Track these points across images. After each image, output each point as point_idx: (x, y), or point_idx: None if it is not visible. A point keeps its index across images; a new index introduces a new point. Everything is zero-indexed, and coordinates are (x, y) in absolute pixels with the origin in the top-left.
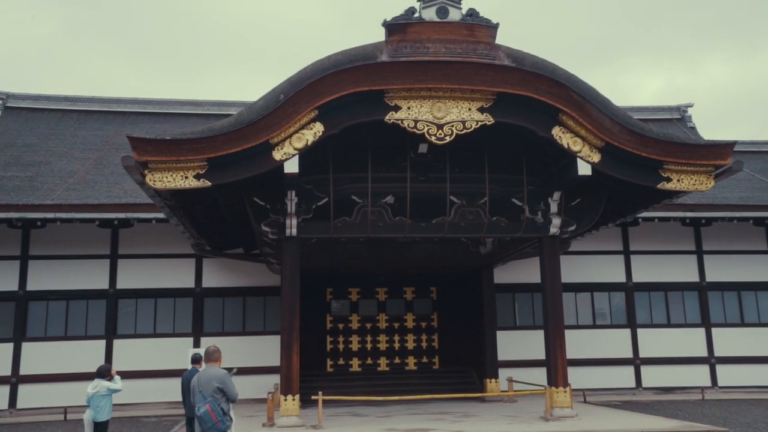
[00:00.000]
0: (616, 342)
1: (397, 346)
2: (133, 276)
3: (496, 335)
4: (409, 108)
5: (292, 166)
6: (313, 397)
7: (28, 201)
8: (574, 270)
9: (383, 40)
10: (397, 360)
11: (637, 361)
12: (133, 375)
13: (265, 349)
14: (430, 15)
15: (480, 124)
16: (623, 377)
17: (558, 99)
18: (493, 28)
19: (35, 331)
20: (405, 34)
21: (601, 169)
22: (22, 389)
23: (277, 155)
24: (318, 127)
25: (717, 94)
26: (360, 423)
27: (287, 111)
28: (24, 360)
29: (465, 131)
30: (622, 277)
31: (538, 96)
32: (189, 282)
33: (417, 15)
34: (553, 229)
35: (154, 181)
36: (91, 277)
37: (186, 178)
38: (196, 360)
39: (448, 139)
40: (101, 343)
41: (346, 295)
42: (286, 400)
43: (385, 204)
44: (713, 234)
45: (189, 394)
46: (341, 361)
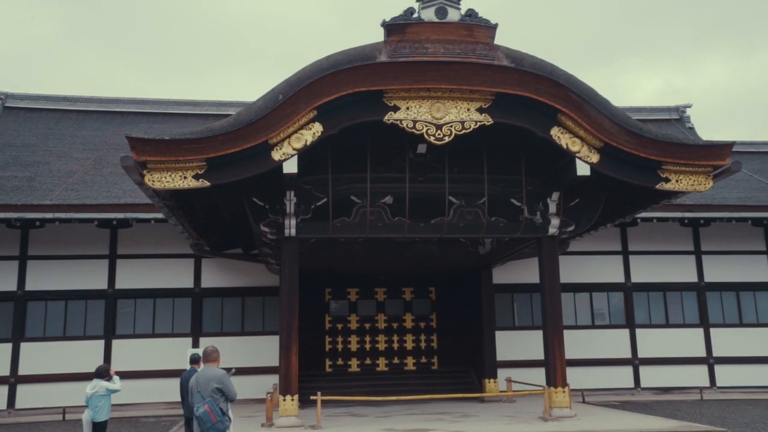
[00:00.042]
0: (615, 342)
1: (396, 346)
2: (132, 276)
3: (494, 335)
4: (408, 108)
5: (291, 167)
6: (311, 397)
7: (26, 201)
8: (572, 270)
9: (382, 40)
10: (395, 360)
11: (635, 362)
12: (131, 375)
13: (264, 350)
14: (429, 15)
15: (479, 124)
16: (622, 377)
17: (557, 99)
18: (491, 28)
19: (34, 331)
20: (404, 34)
21: (600, 169)
22: (21, 389)
23: (276, 155)
24: (317, 128)
25: (716, 95)
26: (359, 423)
27: (286, 111)
28: (23, 360)
29: (464, 131)
30: (620, 278)
31: (537, 96)
32: (188, 282)
33: (416, 15)
34: (552, 230)
35: (153, 181)
36: (90, 277)
37: (185, 178)
38: (194, 360)
39: (447, 139)
40: (100, 343)
41: (345, 296)
42: (284, 400)
43: (384, 204)
44: (712, 234)
45: (187, 395)
46: (340, 362)
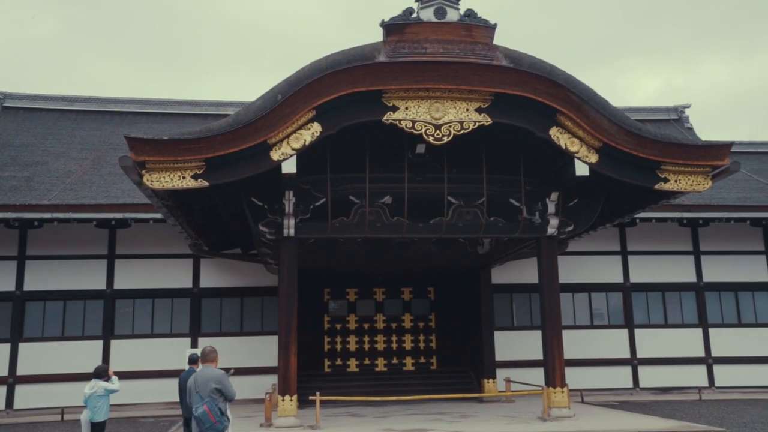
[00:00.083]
0: (614, 342)
1: (394, 346)
2: (131, 276)
3: (493, 335)
4: (406, 108)
5: (289, 167)
6: (310, 397)
7: (25, 201)
8: (571, 270)
9: (381, 40)
10: (394, 360)
11: (634, 362)
12: (130, 375)
13: (263, 350)
14: (428, 15)
15: (478, 124)
16: (621, 377)
17: (556, 100)
18: (490, 28)
19: (32, 331)
20: (403, 34)
21: (599, 169)
22: (19, 390)
23: (274, 155)
24: (316, 128)
25: (716, 95)
26: (358, 423)
27: (285, 111)
28: (21, 360)
29: (463, 132)
30: (619, 278)
31: (536, 96)
32: (186, 282)
33: (415, 15)
34: (551, 230)
35: (152, 181)
36: (89, 277)
37: (183, 178)
38: (193, 360)
39: (446, 139)
40: (98, 344)
41: (344, 296)
42: (283, 400)
43: (382, 204)
44: (710, 234)
45: (186, 395)
46: (339, 362)
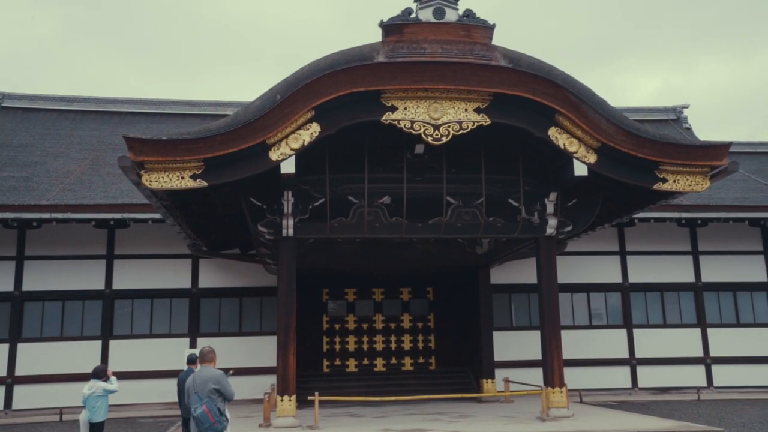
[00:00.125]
0: (613, 342)
1: (393, 346)
2: (130, 276)
3: (492, 335)
4: (405, 108)
5: (288, 167)
6: (309, 397)
7: (23, 201)
8: (570, 270)
9: (380, 40)
10: (393, 360)
11: (633, 362)
12: (129, 376)
13: (262, 350)
14: (426, 16)
15: (476, 124)
16: (619, 377)
17: (554, 100)
18: (489, 28)
19: (31, 331)
20: (402, 34)
21: (598, 169)
22: (18, 390)
23: (273, 156)
24: (314, 128)
25: (715, 95)
26: (357, 423)
27: (284, 111)
28: (20, 361)
29: (461, 132)
30: (618, 278)
31: (535, 97)
32: (185, 282)
33: (414, 16)
34: (550, 230)
35: (151, 181)
36: (88, 277)
37: (182, 178)
38: (191, 360)
39: (445, 139)
40: (97, 344)
41: (343, 296)
42: (282, 400)
43: (381, 204)
44: (709, 235)
45: (185, 395)
46: (338, 362)
